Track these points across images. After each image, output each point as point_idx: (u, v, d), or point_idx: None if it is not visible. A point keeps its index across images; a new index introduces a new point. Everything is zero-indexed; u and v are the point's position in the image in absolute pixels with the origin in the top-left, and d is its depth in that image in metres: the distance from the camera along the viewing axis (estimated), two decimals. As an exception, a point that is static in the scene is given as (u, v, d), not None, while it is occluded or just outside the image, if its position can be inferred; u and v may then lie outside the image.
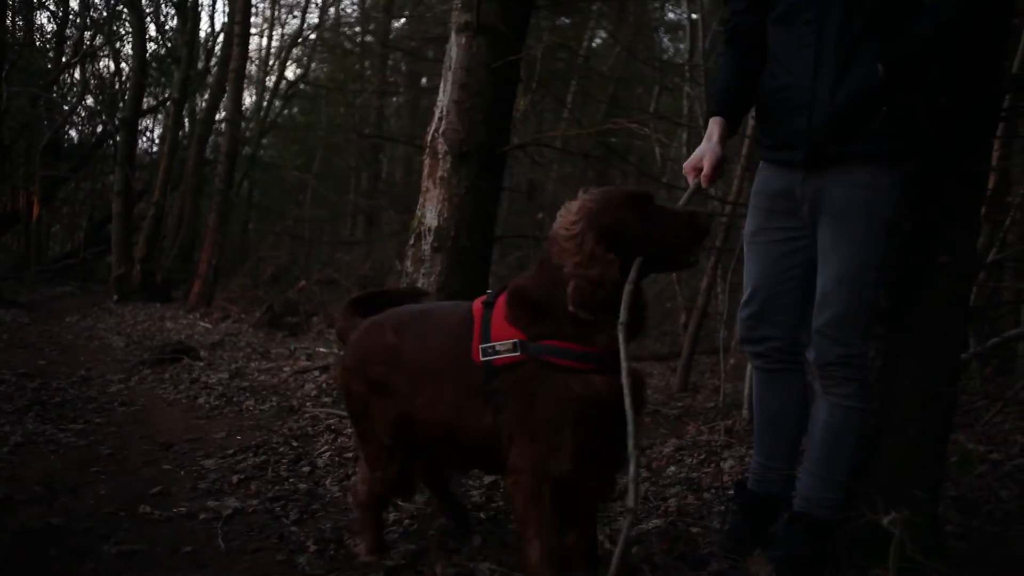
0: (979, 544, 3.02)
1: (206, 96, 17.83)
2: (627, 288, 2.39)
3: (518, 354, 2.48)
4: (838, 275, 2.67)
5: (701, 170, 2.79)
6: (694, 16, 9.39)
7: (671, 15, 13.97)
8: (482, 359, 2.52)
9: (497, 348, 2.50)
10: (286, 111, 20.16)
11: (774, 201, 2.87)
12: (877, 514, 2.53)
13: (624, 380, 2.30)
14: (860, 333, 2.71)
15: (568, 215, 2.49)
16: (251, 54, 16.91)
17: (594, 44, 14.71)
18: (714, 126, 2.88)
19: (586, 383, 2.42)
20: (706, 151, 2.82)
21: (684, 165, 2.85)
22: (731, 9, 3.05)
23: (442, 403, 2.64)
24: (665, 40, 15.80)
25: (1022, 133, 6.14)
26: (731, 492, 3.25)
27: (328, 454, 4.37)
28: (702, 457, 4.51)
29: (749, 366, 4.74)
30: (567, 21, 13.31)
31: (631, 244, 2.45)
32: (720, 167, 2.82)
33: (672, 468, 4.31)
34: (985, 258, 5.14)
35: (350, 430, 4.18)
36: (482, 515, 3.46)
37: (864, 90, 2.60)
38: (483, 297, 2.66)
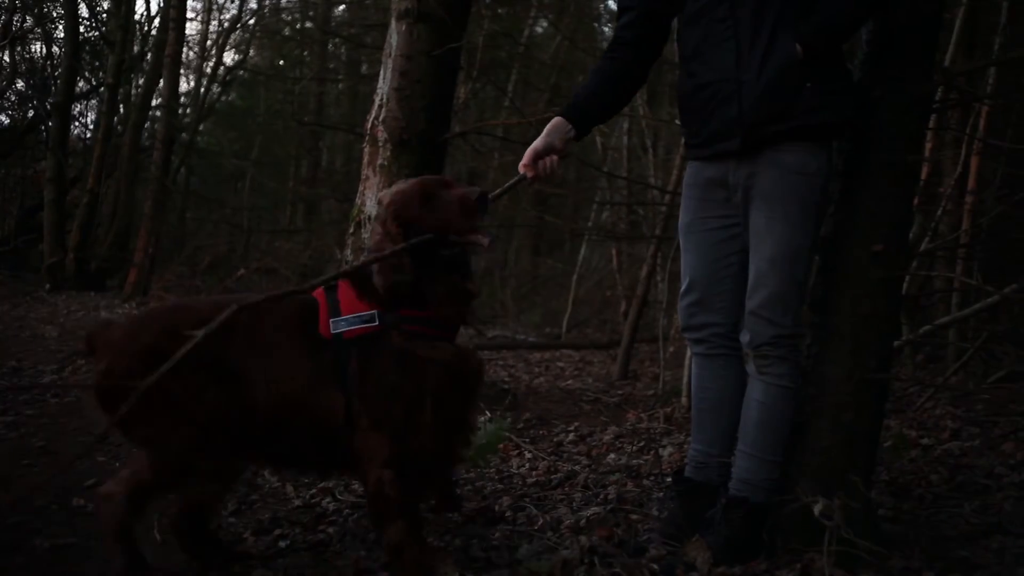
0: (910, 526, 3.09)
1: (141, 81, 17.42)
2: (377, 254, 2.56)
3: (376, 324, 2.56)
4: (772, 256, 2.73)
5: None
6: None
7: (612, 4, 14.04)
8: (332, 332, 2.57)
9: (349, 320, 2.57)
10: (224, 97, 19.82)
11: (707, 191, 2.92)
12: (812, 499, 2.58)
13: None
14: (792, 313, 2.77)
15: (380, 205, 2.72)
16: (188, 39, 16.58)
17: (536, 32, 14.71)
18: (552, 123, 2.95)
19: (440, 350, 2.58)
20: (533, 144, 2.92)
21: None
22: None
23: (290, 383, 2.56)
24: (606, 29, 15.87)
25: (954, 125, 6.27)
26: (670, 479, 3.28)
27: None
28: (641, 444, 4.56)
29: (688, 354, 4.80)
30: (509, 9, 13.29)
31: (416, 227, 2.61)
32: (540, 158, 2.90)
33: (612, 456, 4.34)
34: (917, 247, 5.25)
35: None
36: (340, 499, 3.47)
37: (787, 68, 2.68)
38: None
